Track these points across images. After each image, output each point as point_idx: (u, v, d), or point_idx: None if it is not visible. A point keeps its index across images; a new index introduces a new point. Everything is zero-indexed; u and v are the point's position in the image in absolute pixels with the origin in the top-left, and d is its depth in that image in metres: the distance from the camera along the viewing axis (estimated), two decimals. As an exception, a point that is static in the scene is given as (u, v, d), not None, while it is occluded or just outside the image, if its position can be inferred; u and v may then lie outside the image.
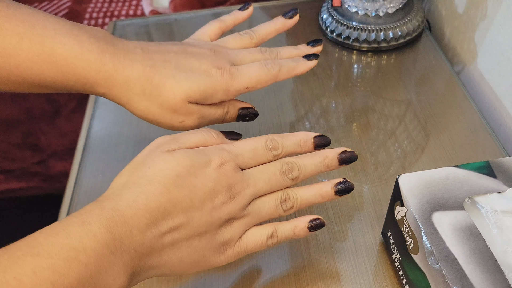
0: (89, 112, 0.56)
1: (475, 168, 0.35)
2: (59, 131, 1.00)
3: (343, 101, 0.54)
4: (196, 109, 0.37)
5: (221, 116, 0.39)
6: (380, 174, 0.46)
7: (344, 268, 0.39)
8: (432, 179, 0.34)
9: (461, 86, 0.55)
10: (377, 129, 0.51)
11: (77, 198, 0.47)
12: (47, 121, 0.99)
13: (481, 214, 0.33)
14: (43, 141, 1.02)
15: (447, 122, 0.51)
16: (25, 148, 1.02)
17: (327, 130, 0.51)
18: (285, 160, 0.33)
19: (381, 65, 0.58)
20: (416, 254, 0.33)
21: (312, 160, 0.34)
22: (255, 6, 0.69)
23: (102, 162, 0.50)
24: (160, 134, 0.35)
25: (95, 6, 0.96)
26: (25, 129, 0.99)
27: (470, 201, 0.33)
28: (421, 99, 0.53)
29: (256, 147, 0.33)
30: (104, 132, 0.53)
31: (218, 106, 0.39)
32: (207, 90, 0.36)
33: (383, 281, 0.38)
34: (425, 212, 0.32)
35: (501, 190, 0.33)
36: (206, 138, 0.33)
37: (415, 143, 0.49)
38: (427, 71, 0.57)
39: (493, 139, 0.48)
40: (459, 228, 0.31)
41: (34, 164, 1.05)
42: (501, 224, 0.32)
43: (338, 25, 0.60)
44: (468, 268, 0.29)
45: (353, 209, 0.44)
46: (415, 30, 0.59)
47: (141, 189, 0.29)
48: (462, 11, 0.58)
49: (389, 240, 0.38)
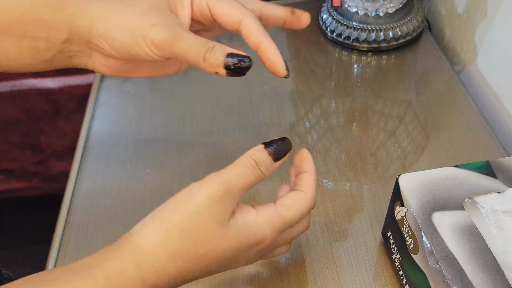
0: (89, 112, 0.56)
1: (475, 168, 0.35)
2: (59, 131, 1.00)
3: (343, 101, 0.54)
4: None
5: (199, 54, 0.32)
6: (380, 174, 0.46)
7: (344, 268, 0.39)
8: (432, 179, 0.34)
9: (461, 86, 0.55)
10: (377, 129, 0.51)
11: (77, 198, 0.47)
12: (47, 121, 0.99)
13: (481, 214, 0.33)
14: (43, 141, 1.02)
15: (447, 122, 0.51)
16: (25, 148, 1.02)
17: (327, 130, 0.51)
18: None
19: (381, 65, 0.58)
20: (416, 254, 0.33)
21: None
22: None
23: (102, 162, 0.50)
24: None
25: (95, 6, 0.96)
26: (25, 129, 0.99)
27: (470, 201, 0.33)
28: (421, 99, 0.53)
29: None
30: (104, 132, 0.53)
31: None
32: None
33: (383, 281, 0.38)
34: (425, 212, 0.32)
35: (501, 190, 0.33)
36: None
37: (415, 143, 0.49)
38: (427, 71, 0.57)
39: (493, 139, 0.48)
40: (459, 228, 0.31)
41: (34, 164, 1.05)
42: (501, 224, 0.32)
43: (338, 25, 0.60)
44: (468, 268, 0.29)
45: (353, 209, 0.44)
46: (415, 30, 0.59)
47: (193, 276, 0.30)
48: (462, 11, 0.58)
49: (389, 240, 0.38)
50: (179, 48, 0.31)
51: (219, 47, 0.31)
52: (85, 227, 0.44)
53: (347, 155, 0.48)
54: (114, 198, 0.46)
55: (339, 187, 0.46)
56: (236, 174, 0.29)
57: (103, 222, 0.45)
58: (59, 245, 0.43)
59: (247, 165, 0.30)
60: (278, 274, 0.39)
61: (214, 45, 0.31)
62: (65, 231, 0.44)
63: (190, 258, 0.28)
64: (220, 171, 0.30)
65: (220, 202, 0.28)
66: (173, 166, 0.49)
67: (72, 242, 0.43)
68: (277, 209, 0.31)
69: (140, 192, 0.47)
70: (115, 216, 0.45)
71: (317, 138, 0.50)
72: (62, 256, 0.42)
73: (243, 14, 0.33)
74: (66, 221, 0.45)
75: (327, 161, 0.48)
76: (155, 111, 0.55)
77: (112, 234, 0.44)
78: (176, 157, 0.50)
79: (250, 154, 0.31)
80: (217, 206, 0.28)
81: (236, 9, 0.33)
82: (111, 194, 0.47)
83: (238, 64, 0.31)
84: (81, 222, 0.45)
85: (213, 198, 0.28)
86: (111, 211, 0.45)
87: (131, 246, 0.28)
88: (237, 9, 0.33)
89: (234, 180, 0.29)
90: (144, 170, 0.48)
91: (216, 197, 0.28)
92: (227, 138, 0.51)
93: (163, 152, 0.50)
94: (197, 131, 0.52)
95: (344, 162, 0.48)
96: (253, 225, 0.30)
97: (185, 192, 0.29)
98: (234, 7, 0.33)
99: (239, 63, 0.31)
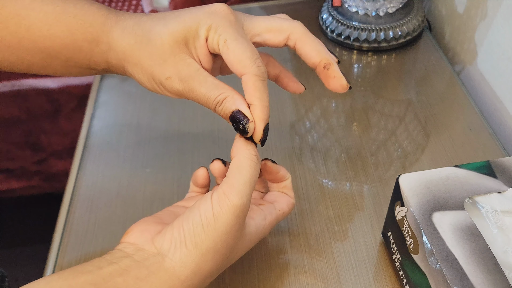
0: (89, 111, 0.56)
1: (476, 168, 0.35)
2: (59, 130, 1.00)
3: (343, 101, 0.54)
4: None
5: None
6: (380, 174, 0.46)
7: (344, 268, 0.39)
8: (432, 179, 0.34)
9: (461, 86, 0.55)
10: (377, 129, 0.51)
11: (77, 197, 0.47)
12: (48, 121, 0.99)
13: (481, 214, 0.33)
14: (44, 140, 1.02)
15: (447, 122, 0.51)
16: (25, 147, 1.02)
17: (327, 130, 0.51)
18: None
19: (381, 65, 0.58)
20: (416, 254, 0.33)
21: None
22: (255, 6, 0.69)
23: (102, 161, 0.50)
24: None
25: (95, 6, 0.96)
26: (25, 128, 0.99)
27: (470, 201, 0.33)
28: (421, 99, 0.53)
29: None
30: (104, 132, 0.53)
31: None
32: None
33: (383, 281, 0.38)
34: (426, 212, 0.32)
35: (502, 190, 0.33)
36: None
37: (415, 143, 0.49)
38: (427, 71, 0.57)
39: (493, 139, 0.48)
40: (460, 228, 0.31)
41: (34, 163, 1.05)
42: (501, 224, 0.32)
43: (338, 24, 0.60)
44: (468, 268, 0.29)
45: (353, 209, 0.44)
46: (415, 30, 0.59)
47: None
48: (462, 11, 0.58)
49: (389, 240, 0.38)
50: (192, 98, 0.33)
51: (229, 101, 0.32)
52: (85, 226, 0.44)
53: (347, 155, 0.48)
54: (114, 198, 0.46)
55: (339, 187, 0.46)
56: (245, 181, 0.30)
57: (103, 221, 0.45)
58: (59, 244, 0.43)
59: (252, 166, 0.31)
60: (278, 274, 0.39)
61: (225, 98, 0.32)
62: (65, 230, 0.44)
63: (217, 271, 0.31)
64: (232, 182, 0.30)
65: (243, 215, 0.30)
66: (173, 166, 0.49)
67: (72, 242, 0.43)
68: (277, 214, 0.36)
69: (140, 192, 0.47)
70: (115, 216, 0.45)
71: (317, 138, 0.50)
72: (62, 255, 0.42)
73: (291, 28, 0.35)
74: (66, 221, 0.45)
75: (327, 161, 0.48)
76: (155, 111, 0.55)
77: (112, 233, 0.44)
78: (176, 157, 0.50)
79: (248, 153, 0.31)
80: (240, 221, 0.30)
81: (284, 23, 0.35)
82: (111, 194, 0.47)
83: (236, 126, 0.32)
84: (81, 222, 0.45)
85: (237, 214, 0.29)
86: (111, 211, 0.45)
87: (167, 273, 0.29)
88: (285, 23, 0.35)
89: (247, 189, 0.30)
90: (144, 170, 0.48)
91: (240, 213, 0.30)
92: (227, 138, 0.51)
93: (163, 152, 0.50)
94: (197, 131, 0.52)
95: (344, 162, 0.48)
96: (261, 228, 0.34)
97: (207, 211, 0.29)
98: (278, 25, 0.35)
99: (238, 126, 0.31)
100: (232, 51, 0.31)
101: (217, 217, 0.29)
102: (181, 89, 0.33)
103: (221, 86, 0.32)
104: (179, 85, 0.33)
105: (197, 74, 0.32)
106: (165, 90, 0.34)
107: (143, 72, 0.34)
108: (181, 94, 0.33)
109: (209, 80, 0.32)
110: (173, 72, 0.32)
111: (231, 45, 0.31)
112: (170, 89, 0.33)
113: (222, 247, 0.29)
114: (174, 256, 0.29)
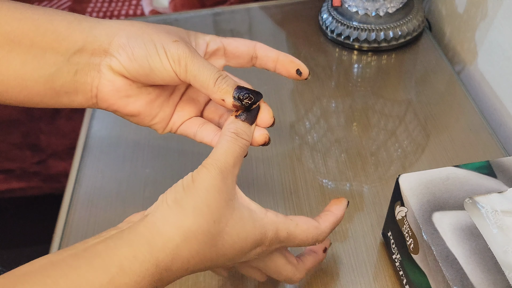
0: (89, 112, 0.56)
1: (476, 168, 0.35)
2: (59, 131, 1.00)
3: (343, 101, 0.54)
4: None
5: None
6: (380, 174, 0.46)
7: (344, 268, 0.39)
8: (432, 179, 0.34)
9: (461, 86, 0.55)
10: (377, 129, 0.51)
11: (77, 198, 0.47)
12: (47, 121, 0.99)
13: (481, 214, 0.33)
14: (43, 141, 1.02)
15: (447, 122, 0.51)
16: (25, 148, 1.02)
17: (327, 130, 0.51)
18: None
19: (381, 65, 0.58)
20: (416, 254, 0.33)
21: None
22: (255, 6, 0.69)
23: (102, 162, 0.50)
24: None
25: (95, 6, 0.96)
26: (25, 129, 0.99)
27: (470, 201, 0.33)
28: (421, 99, 0.53)
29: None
30: (104, 132, 0.53)
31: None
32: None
33: (383, 281, 0.38)
34: (426, 212, 0.32)
35: (502, 190, 0.33)
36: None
37: (415, 143, 0.49)
38: (427, 71, 0.57)
39: (493, 139, 0.48)
40: (460, 228, 0.31)
41: (34, 164, 1.05)
42: (501, 224, 0.32)
43: (338, 24, 0.60)
44: (469, 268, 0.29)
45: (353, 209, 0.44)
46: (415, 30, 0.59)
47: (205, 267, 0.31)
48: (463, 11, 0.58)
49: (389, 240, 0.38)
50: (194, 66, 0.33)
51: (232, 78, 0.34)
52: (85, 227, 0.44)
53: (347, 155, 0.48)
54: (114, 198, 0.46)
55: (339, 187, 0.46)
56: (223, 152, 0.31)
57: (103, 221, 0.45)
58: (59, 245, 0.43)
59: (230, 140, 0.32)
60: (278, 274, 0.39)
61: (227, 74, 0.33)
62: (65, 231, 0.44)
63: (203, 239, 0.29)
64: (209, 156, 0.31)
65: (222, 181, 0.30)
66: (173, 166, 0.49)
67: (72, 242, 0.43)
68: (286, 219, 0.32)
69: (140, 192, 0.47)
70: (115, 216, 0.45)
71: (317, 138, 0.50)
72: (62, 256, 0.42)
73: (254, 42, 0.37)
74: (66, 221, 0.45)
75: (327, 161, 0.48)
76: (155, 111, 0.55)
77: (112, 234, 0.44)
78: (176, 157, 0.50)
79: (227, 129, 0.32)
80: (221, 185, 0.30)
81: (248, 41, 0.37)
82: (111, 194, 0.47)
83: (247, 97, 0.32)
84: (81, 222, 0.45)
85: (215, 178, 0.30)
86: (111, 211, 0.45)
87: (146, 227, 0.28)
88: (248, 41, 0.37)
89: (224, 158, 0.31)
90: (144, 170, 0.48)
91: (218, 177, 0.30)
92: (227, 138, 0.51)
93: (163, 152, 0.50)
94: (197, 131, 0.52)
95: (344, 162, 0.48)
96: (259, 221, 0.31)
97: (186, 178, 0.30)
98: (245, 40, 0.37)
99: (248, 96, 0.32)
100: (237, 39, 0.37)
101: (195, 179, 0.30)
102: (187, 51, 0.32)
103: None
104: (186, 48, 0.33)
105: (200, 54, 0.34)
106: (164, 54, 0.33)
107: (143, 37, 0.33)
108: (180, 60, 0.33)
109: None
110: (181, 40, 0.33)
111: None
112: (174, 50, 0.33)
113: (204, 205, 0.29)
114: (156, 212, 0.29)
